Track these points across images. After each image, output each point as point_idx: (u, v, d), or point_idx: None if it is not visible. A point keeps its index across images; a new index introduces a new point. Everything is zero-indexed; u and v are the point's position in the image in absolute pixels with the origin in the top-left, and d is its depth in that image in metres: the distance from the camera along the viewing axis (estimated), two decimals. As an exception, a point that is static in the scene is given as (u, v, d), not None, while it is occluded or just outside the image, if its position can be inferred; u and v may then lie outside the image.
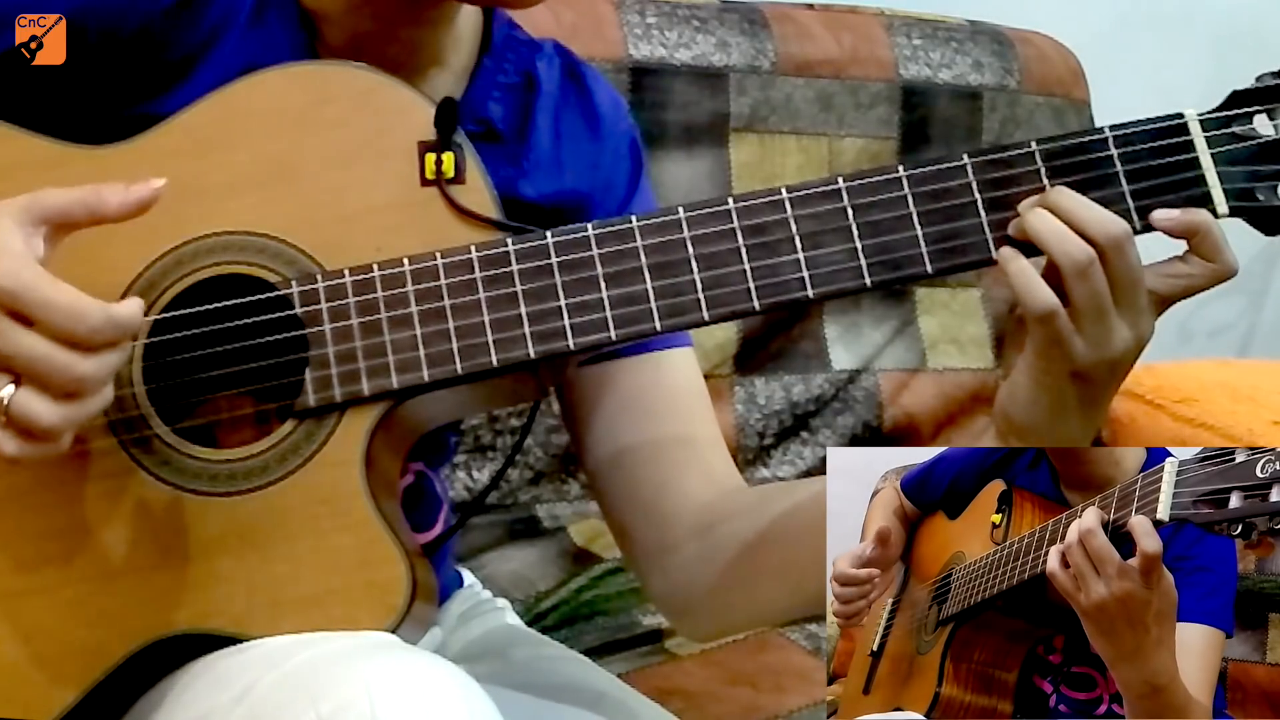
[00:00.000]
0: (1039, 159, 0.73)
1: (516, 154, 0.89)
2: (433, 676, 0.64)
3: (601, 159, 0.92)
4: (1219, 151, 0.73)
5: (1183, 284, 0.71)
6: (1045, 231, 0.70)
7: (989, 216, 0.72)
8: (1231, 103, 0.74)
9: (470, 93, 0.87)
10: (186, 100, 0.79)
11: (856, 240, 0.73)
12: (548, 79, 0.91)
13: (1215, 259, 0.71)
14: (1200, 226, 0.70)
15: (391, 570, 0.71)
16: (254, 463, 0.73)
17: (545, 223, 0.75)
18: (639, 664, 1.26)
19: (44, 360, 0.65)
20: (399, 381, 0.73)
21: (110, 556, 0.73)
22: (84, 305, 0.65)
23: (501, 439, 1.40)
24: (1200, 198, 0.72)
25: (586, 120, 0.92)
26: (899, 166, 0.73)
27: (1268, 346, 2.31)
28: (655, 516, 0.89)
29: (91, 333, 0.65)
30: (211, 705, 0.68)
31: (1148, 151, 0.72)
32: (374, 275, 0.74)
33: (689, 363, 0.92)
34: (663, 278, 0.73)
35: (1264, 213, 0.73)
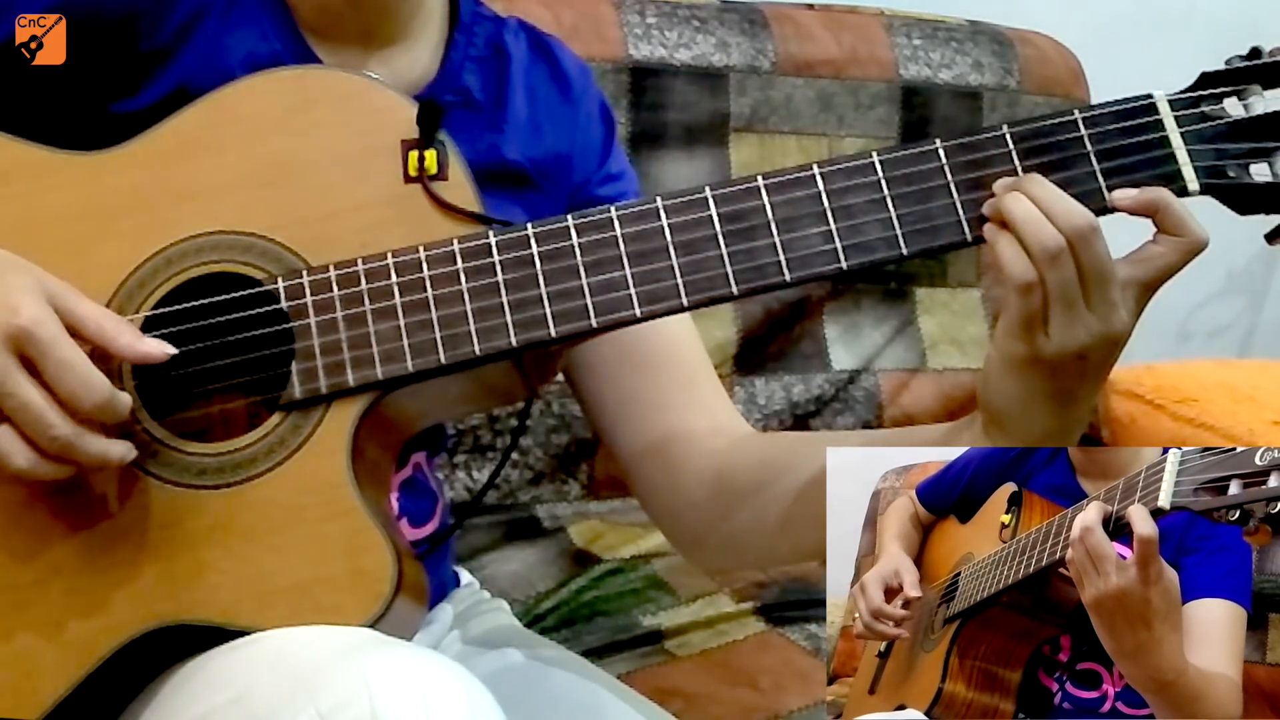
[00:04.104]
0: (1010, 141, 0.74)
1: (496, 120, 0.91)
2: (432, 671, 0.64)
3: (576, 120, 0.95)
4: (1188, 130, 0.73)
5: (1158, 264, 0.71)
6: (1020, 216, 0.70)
7: (962, 198, 0.73)
8: (1201, 84, 0.74)
9: (445, 65, 0.90)
10: (168, 86, 0.80)
11: (831, 224, 0.74)
12: (516, 49, 0.94)
13: (1181, 232, 0.71)
14: (1160, 202, 0.71)
15: (377, 557, 0.72)
16: (242, 455, 0.74)
17: (532, 183, 0.75)
18: (639, 664, 1.26)
19: (36, 415, 0.67)
20: (384, 372, 0.74)
21: (98, 550, 0.74)
22: (95, 379, 0.68)
23: (501, 439, 1.40)
24: (1171, 175, 0.73)
25: (557, 85, 0.95)
26: (873, 153, 0.74)
27: (1268, 346, 2.31)
28: (665, 462, 0.91)
29: (94, 408, 0.68)
30: (210, 706, 0.68)
31: (1117, 132, 0.73)
32: (358, 269, 0.75)
33: (683, 316, 0.92)
34: (642, 265, 0.74)
35: (1235, 190, 0.73)
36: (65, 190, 0.78)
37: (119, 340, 0.71)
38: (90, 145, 0.79)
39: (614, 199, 0.93)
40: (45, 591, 0.74)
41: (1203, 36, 2.00)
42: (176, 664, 0.73)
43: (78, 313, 0.70)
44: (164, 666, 0.73)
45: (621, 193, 0.97)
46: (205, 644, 0.72)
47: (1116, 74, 1.60)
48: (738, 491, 0.87)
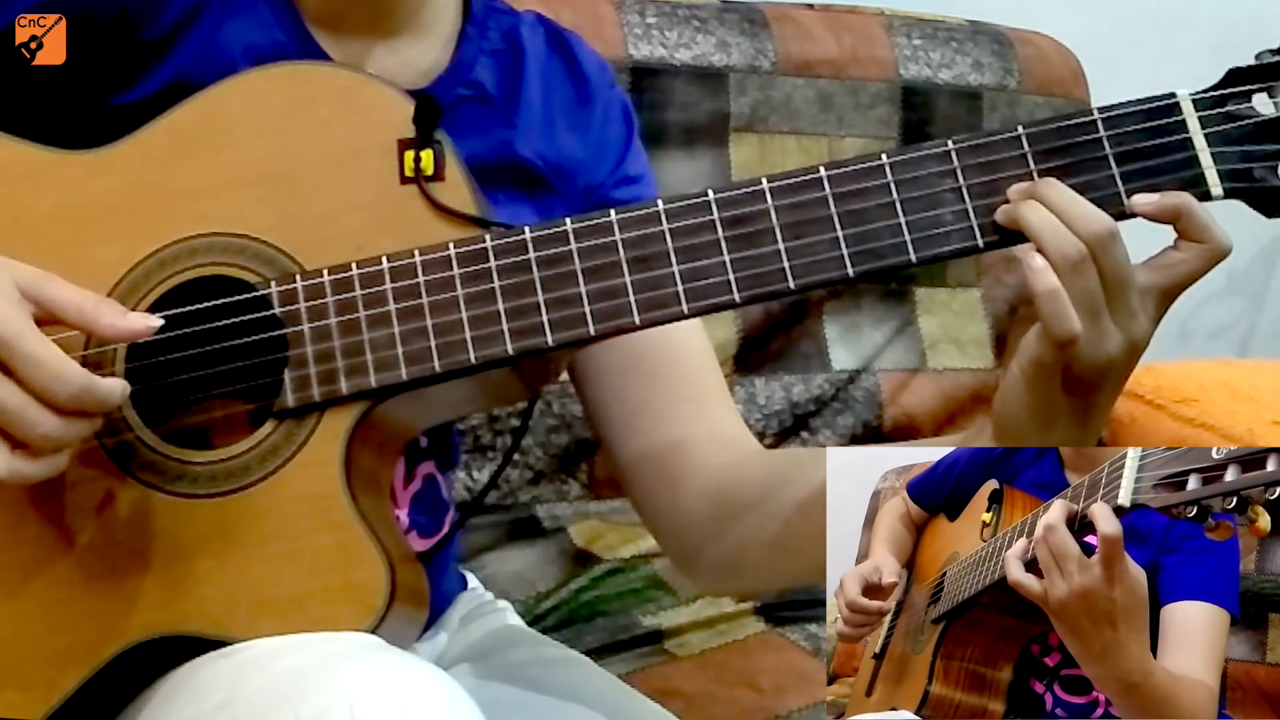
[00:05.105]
0: (1026, 143, 0.71)
1: (509, 115, 0.89)
2: (413, 679, 0.64)
3: (592, 120, 0.93)
4: (1212, 131, 0.70)
5: (1180, 271, 0.69)
6: (1039, 225, 0.68)
7: (974, 203, 0.71)
8: (1228, 81, 0.71)
9: (457, 58, 0.88)
10: (166, 79, 0.79)
11: (838, 229, 0.71)
12: (532, 44, 0.92)
13: (1204, 238, 0.68)
14: (1182, 208, 0.68)
15: (370, 571, 0.71)
16: (234, 464, 0.73)
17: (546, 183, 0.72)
18: (639, 664, 1.26)
19: (15, 412, 0.66)
20: (377, 380, 0.73)
21: (91, 559, 0.73)
22: (68, 370, 0.66)
23: (501, 439, 1.40)
24: (1193, 179, 0.70)
25: (574, 83, 0.93)
26: (882, 154, 0.72)
27: (1268, 346, 2.30)
28: (668, 477, 0.89)
29: (70, 399, 0.66)
30: (196, 712, 0.67)
31: (1138, 133, 0.70)
32: (352, 274, 0.74)
33: (693, 323, 0.91)
34: (642, 271, 0.72)
35: (1263, 193, 0.70)
36: (57, 190, 0.77)
37: (101, 321, 0.69)
38: (88, 140, 0.78)
39: (630, 202, 0.92)
40: (37, 601, 0.73)
41: (1203, 36, 2.00)
42: (171, 670, 0.72)
43: (57, 299, 0.69)
44: (161, 672, 0.73)
45: (638, 196, 0.94)
46: (201, 651, 0.71)
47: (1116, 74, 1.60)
48: (738, 506, 0.85)
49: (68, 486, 0.73)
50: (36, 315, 0.68)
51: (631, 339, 0.80)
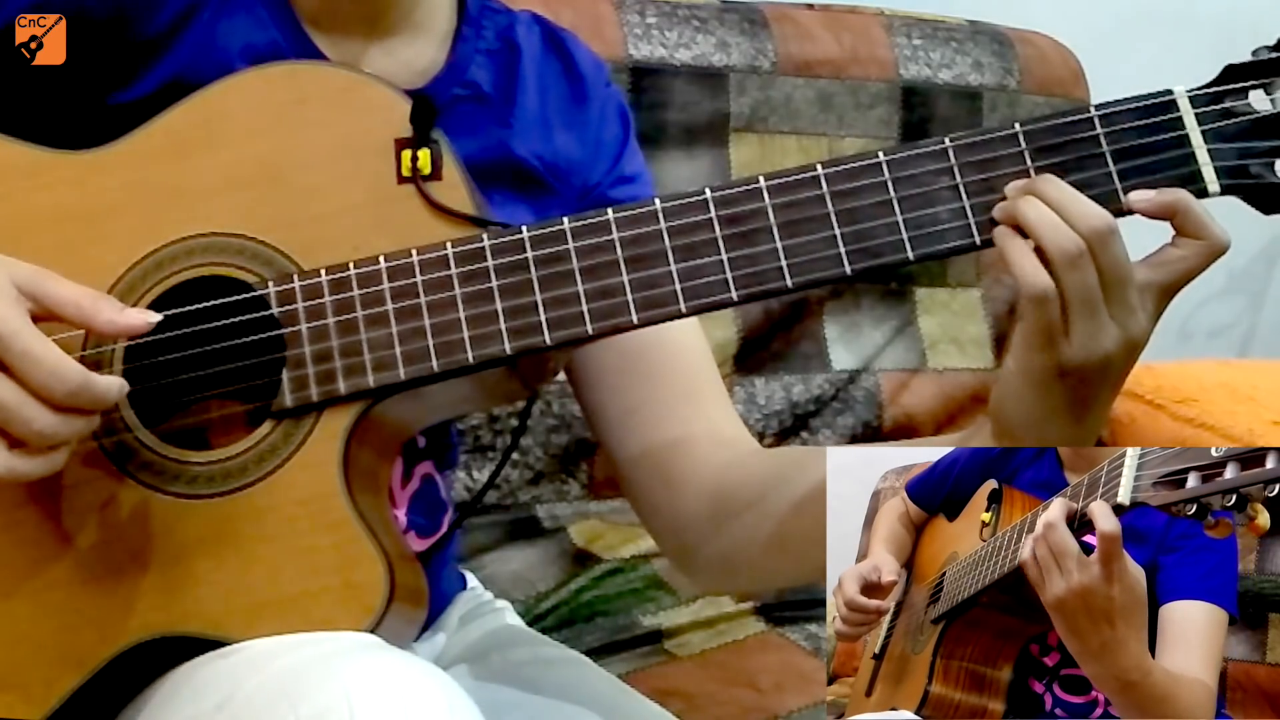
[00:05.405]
0: (1023, 141, 0.71)
1: (505, 115, 0.89)
2: (412, 678, 0.64)
3: (588, 119, 0.93)
4: (1209, 128, 0.70)
5: (1178, 268, 0.69)
6: (1037, 220, 0.68)
7: (971, 201, 0.71)
8: (1224, 78, 0.71)
9: (453, 58, 0.88)
10: (164, 77, 0.79)
11: (835, 228, 0.71)
12: (528, 43, 0.92)
13: (1202, 234, 0.68)
14: (1179, 205, 0.68)
15: (369, 571, 0.71)
16: (233, 464, 0.73)
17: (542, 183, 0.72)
18: (639, 664, 1.26)
19: (12, 409, 0.66)
20: (375, 380, 0.73)
21: (89, 560, 0.73)
22: (65, 367, 0.66)
23: (501, 439, 1.40)
24: (1190, 175, 0.70)
25: (570, 82, 0.93)
26: (879, 153, 0.72)
27: (1268, 346, 2.30)
28: (666, 476, 0.89)
29: (67, 396, 0.66)
30: (195, 712, 0.67)
31: (1135, 130, 0.70)
32: (350, 274, 0.74)
33: (691, 322, 0.91)
34: (639, 270, 0.72)
35: (1260, 189, 0.70)
36: (55, 190, 0.77)
37: (99, 317, 0.69)
38: (86, 139, 0.78)
39: (627, 201, 0.92)
40: (35, 602, 0.73)
41: (1203, 36, 1.99)
42: (170, 670, 0.72)
43: (55, 296, 0.69)
44: (160, 673, 0.73)
45: (634, 195, 0.94)
46: (200, 652, 0.71)
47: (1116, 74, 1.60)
48: (737, 505, 0.85)
49: (66, 487, 0.73)
50: (34, 313, 0.68)
51: (629, 338, 0.80)
